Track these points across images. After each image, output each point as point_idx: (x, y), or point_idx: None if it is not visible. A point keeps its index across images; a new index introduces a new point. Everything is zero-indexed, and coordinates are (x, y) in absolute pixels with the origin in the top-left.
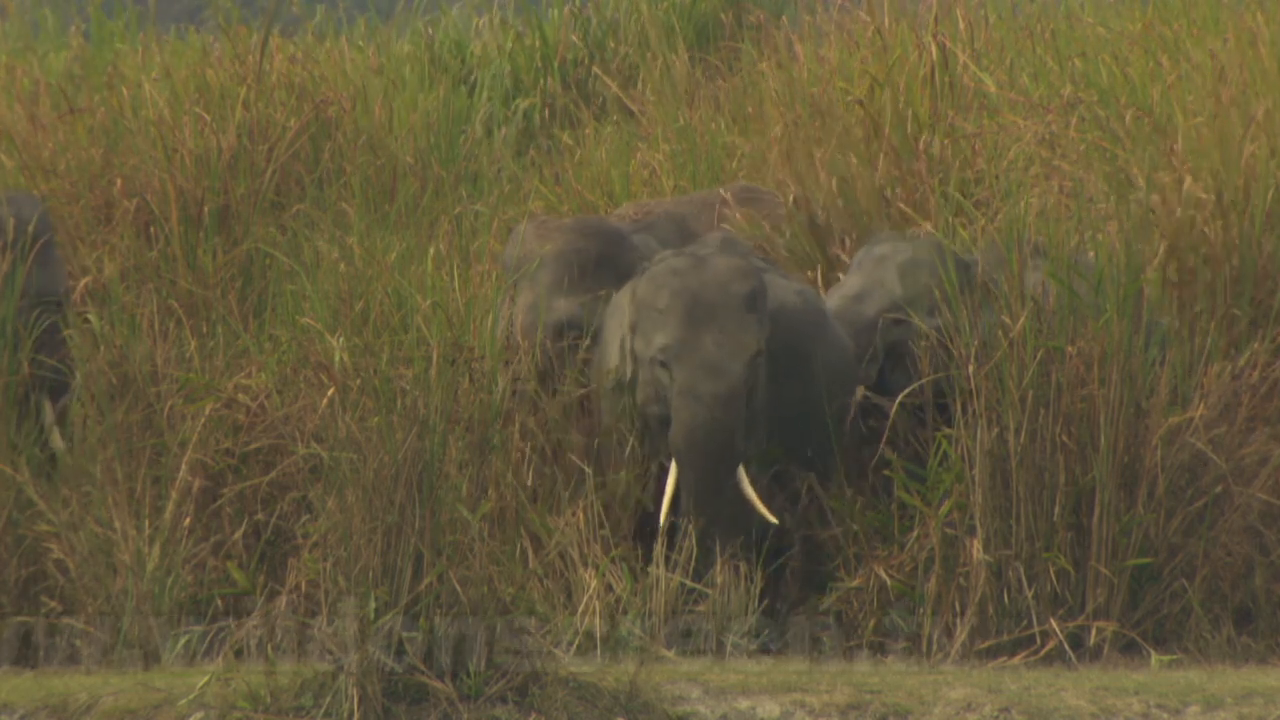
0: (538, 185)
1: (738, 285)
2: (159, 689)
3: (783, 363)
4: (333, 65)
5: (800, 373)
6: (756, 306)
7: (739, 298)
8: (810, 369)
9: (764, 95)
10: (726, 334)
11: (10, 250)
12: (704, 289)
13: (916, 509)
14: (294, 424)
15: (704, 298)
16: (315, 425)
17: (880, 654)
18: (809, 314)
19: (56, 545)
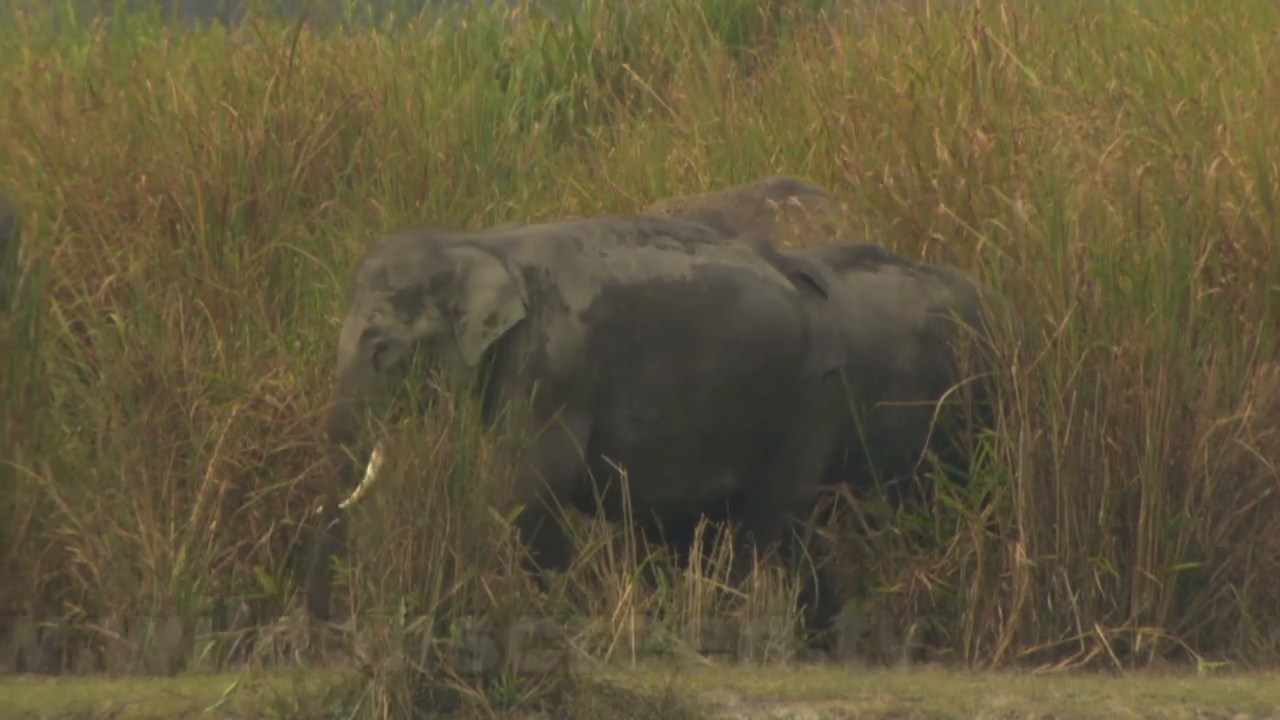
0: (571, 182)
1: (369, 263)
2: (185, 696)
3: (651, 337)
4: (363, 59)
5: (679, 345)
6: (385, 284)
7: (365, 275)
8: (697, 341)
9: (802, 90)
10: (351, 315)
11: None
12: (358, 269)
13: (958, 512)
14: (323, 426)
15: (353, 278)
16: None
17: (921, 660)
18: (703, 287)
19: (80, 549)
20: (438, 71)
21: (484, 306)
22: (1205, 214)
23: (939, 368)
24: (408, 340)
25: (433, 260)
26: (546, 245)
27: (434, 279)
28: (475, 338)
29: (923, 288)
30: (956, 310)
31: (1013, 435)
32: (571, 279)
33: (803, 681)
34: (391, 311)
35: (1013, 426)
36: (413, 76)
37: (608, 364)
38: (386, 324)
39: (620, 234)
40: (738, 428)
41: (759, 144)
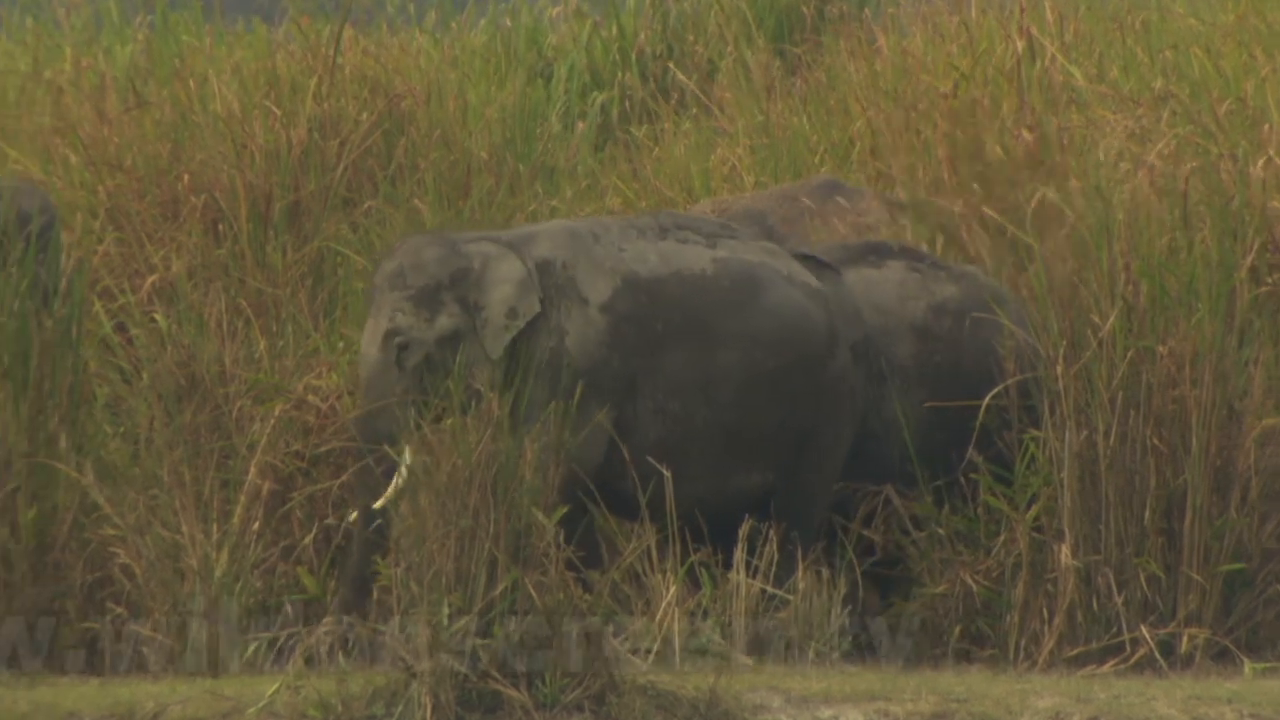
0: (615, 181)
1: (387, 265)
2: (227, 697)
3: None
4: (406, 58)
5: (699, 340)
6: (403, 283)
7: (382, 277)
8: (717, 336)
9: (846, 89)
10: (371, 317)
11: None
12: (376, 273)
13: (1003, 513)
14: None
15: (373, 282)
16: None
17: (966, 661)
18: (725, 281)
19: (123, 549)
20: (481, 70)
21: (503, 300)
22: (1252, 213)
23: (937, 364)
24: (430, 338)
25: (450, 257)
26: (562, 239)
27: (452, 275)
28: (497, 331)
29: (926, 284)
30: (962, 308)
31: (1058, 436)
32: (589, 272)
33: (847, 683)
34: (412, 310)
35: (1058, 427)
36: (456, 75)
37: (629, 356)
38: (407, 323)
39: (640, 229)
40: (764, 425)
41: (803, 143)
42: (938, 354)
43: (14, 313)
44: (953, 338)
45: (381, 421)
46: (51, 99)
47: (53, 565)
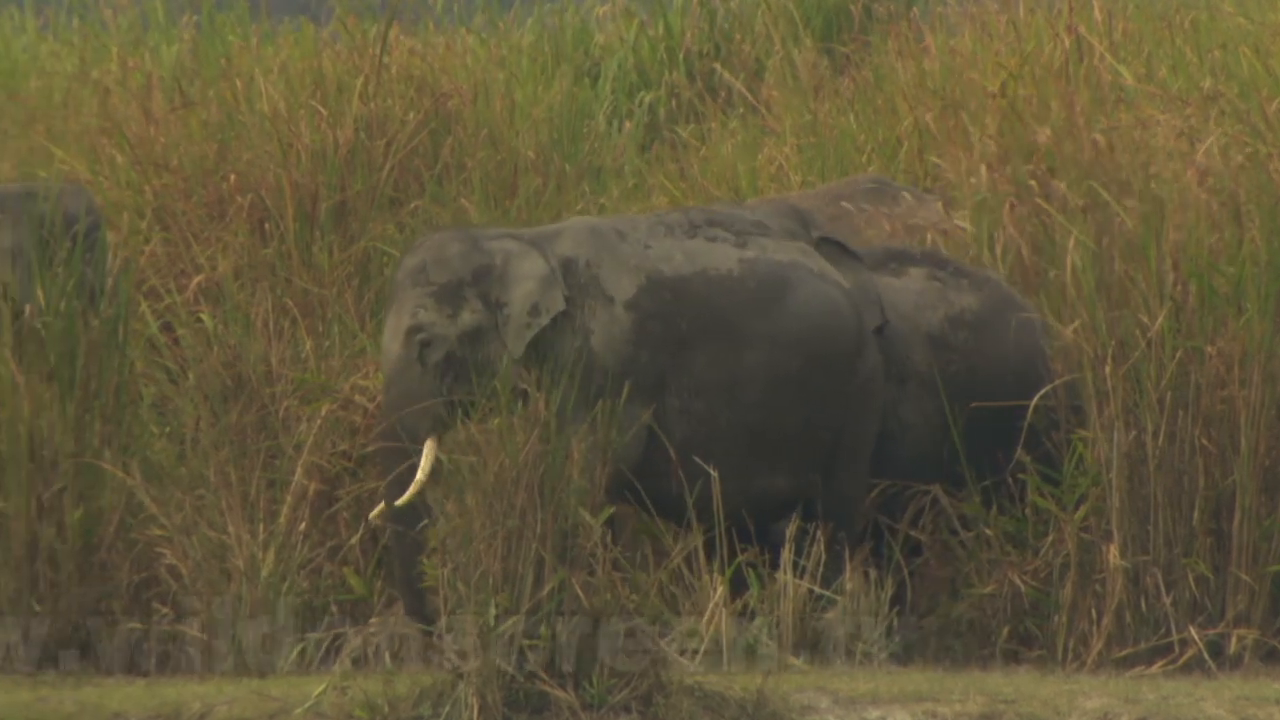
0: (662, 181)
1: (408, 261)
2: (274, 697)
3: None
4: (453, 57)
5: (729, 340)
6: (425, 279)
7: (404, 274)
8: (743, 336)
9: (894, 88)
10: (393, 313)
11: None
12: (397, 270)
13: (1051, 513)
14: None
15: (394, 279)
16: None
17: (1014, 662)
18: (751, 281)
19: (169, 550)
20: (528, 70)
21: (526, 297)
22: None
23: (953, 374)
24: (452, 334)
25: (472, 253)
26: (585, 237)
27: (474, 271)
28: (519, 329)
29: (944, 294)
30: (979, 318)
31: (1106, 436)
32: (614, 269)
33: (895, 683)
34: (434, 307)
35: (1106, 427)
36: (503, 75)
37: (656, 352)
38: (430, 319)
39: (669, 226)
40: (789, 426)
41: (851, 143)
42: (953, 364)
43: (60, 313)
44: (968, 348)
45: (407, 418)
46: (98, 99)
47: (99, 565)
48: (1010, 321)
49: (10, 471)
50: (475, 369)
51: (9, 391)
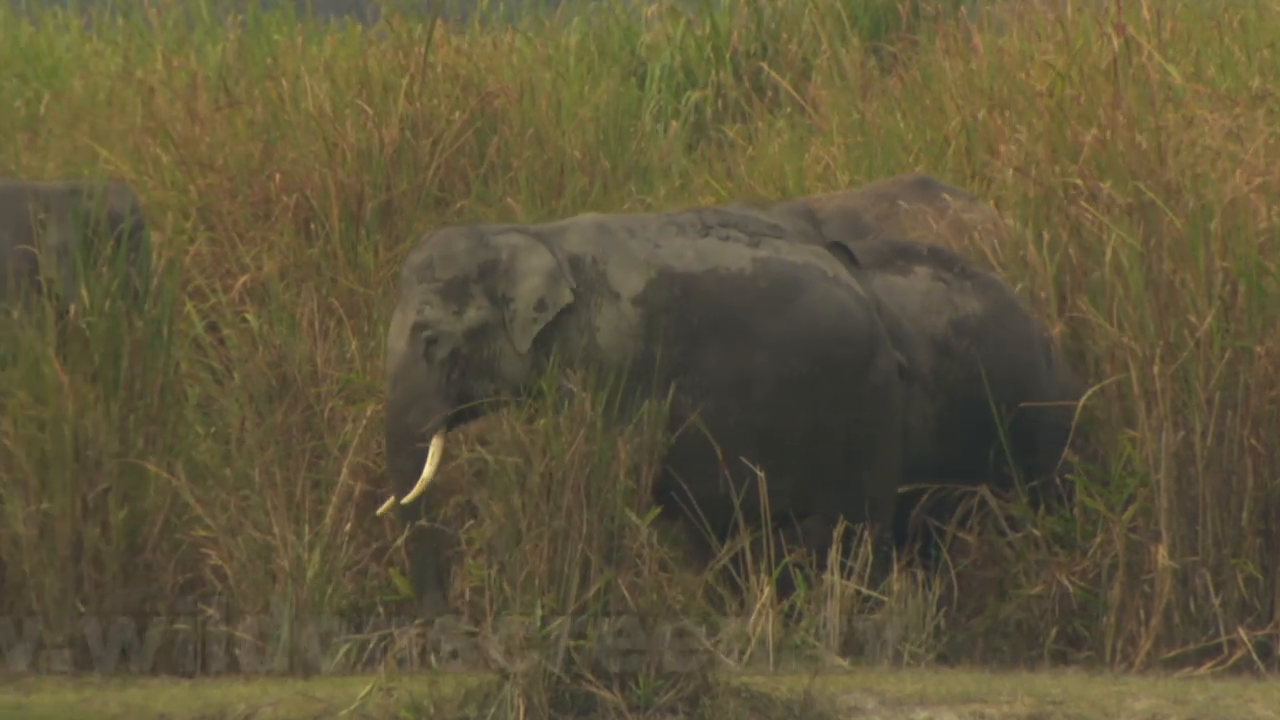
0: (709, 180)
1: (414, 257)
2: (319, 699)
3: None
4: (499, 56)
5: (735, 339)
6: (431, 275)
7: (410, 270)
8: (753, 336)
9: (941, 87)
10: (399, 311)
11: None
12: (404, 265)
13: (1099, 514)
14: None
15: (400, 274)
16: (480, 428)
17: (1062, 663)
18: (762, 281)
19: (214, 551)
20: (574, 69)
21: (532, 292)
22: None
23: (956, 380)
24: (458, 331)
25: (478, 249)
26: (591, 234)
27: (480, 267)
28: (525, 324)
29: (950, 297)
30: (984, 322)
31: (1155, 436)
32: (621, 265)
33: (942, 684)
34: (440, 303)
35: (1155, 427)
36: (549, 74)
37: (666, 347)
38: (435, 316)
39: (680, 225)
40: (797, 427)
41: (898, 142)
42: (954, 371)
43: (105, 313)
44: (971, 354)
45: (413, 415)
46: (143, 99)
47: (144, 566)
48: (1014, 329)
49: (55, 472)
50: (481, 366)
51: (53, 392)
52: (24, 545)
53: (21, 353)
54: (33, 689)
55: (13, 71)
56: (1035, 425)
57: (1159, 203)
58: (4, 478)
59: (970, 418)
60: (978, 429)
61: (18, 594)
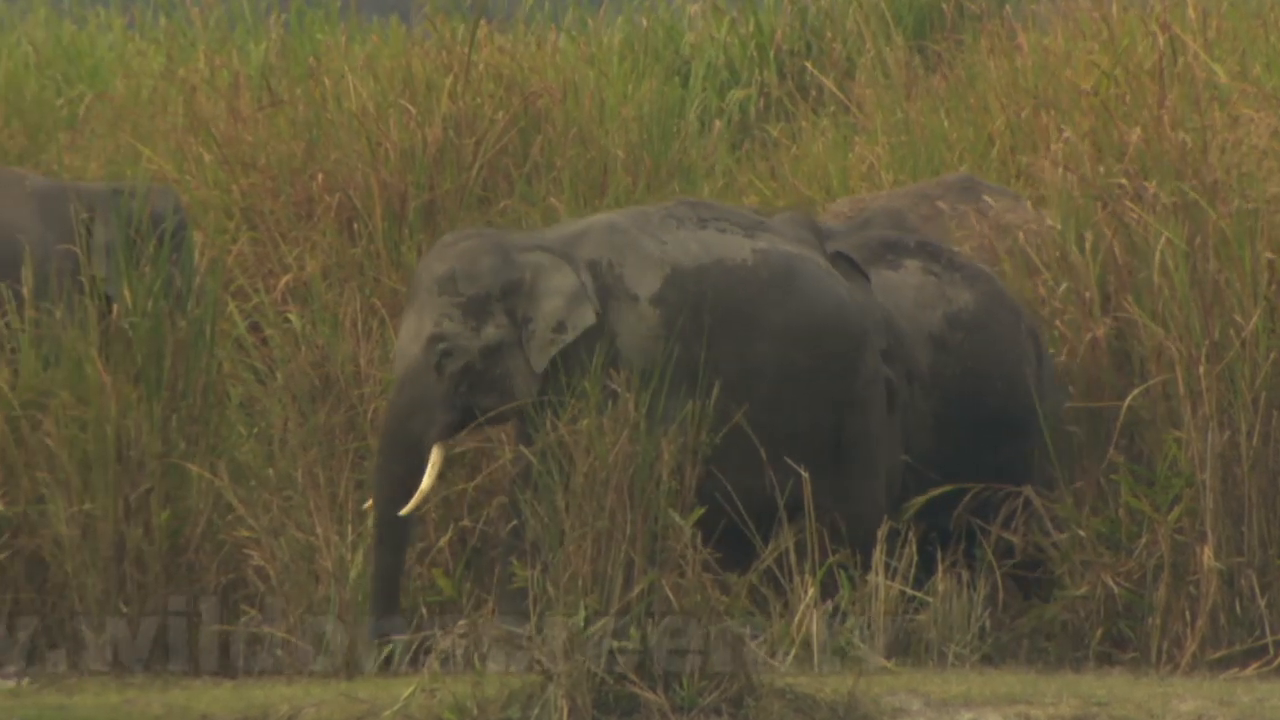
0: (753, 180)
1: (436, 266)
2: (362, 700)
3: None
4: (542, 55)
5: (739, 331)
6: (453, 289)
7: (431, 279)
8: (757, 328)
9: (986, 87)
10: (415, 316)
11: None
12: (421, 270)
13: (1145, 514)
14: (501, 427)
15: (416, 278)
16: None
17: (1107, 664)
18: (762, 272)
19: (257, 551)
20: (618, 68)
21: (552, 314)
22: None
23: (951, 374)
24: (474, 348)
25: (503, 267)
26: (606, 236)
27: (504, 287)
28: (543, 345)
29: (942, 291)
30: (976, 314)
31: (1200, 436)
32: (637, 266)
33: (987, 685)
34: (460, 318)
35: (1200, 428)
36: (593, 73)
37: (687, 343)
38: (454, 330)
39: (679, 219)
40: (795, 423)
41: (942, 141)
42: (952, 364)
43: (147, 313)
44: (965, 349)
45: (416, 422)
46: (185, 98)
47: (186, 567)
48: (1004, 320)
49: (97, 472)
50: (491, 382)
51: (96, 392)
52: (66, 546)
53: (64, 353)
54: (75, 690)
55: (55, 71)
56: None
57: (1200, 202)
58: (46, 478)
59: (968, 412)
60: (976, 423)
61: (60, 595)
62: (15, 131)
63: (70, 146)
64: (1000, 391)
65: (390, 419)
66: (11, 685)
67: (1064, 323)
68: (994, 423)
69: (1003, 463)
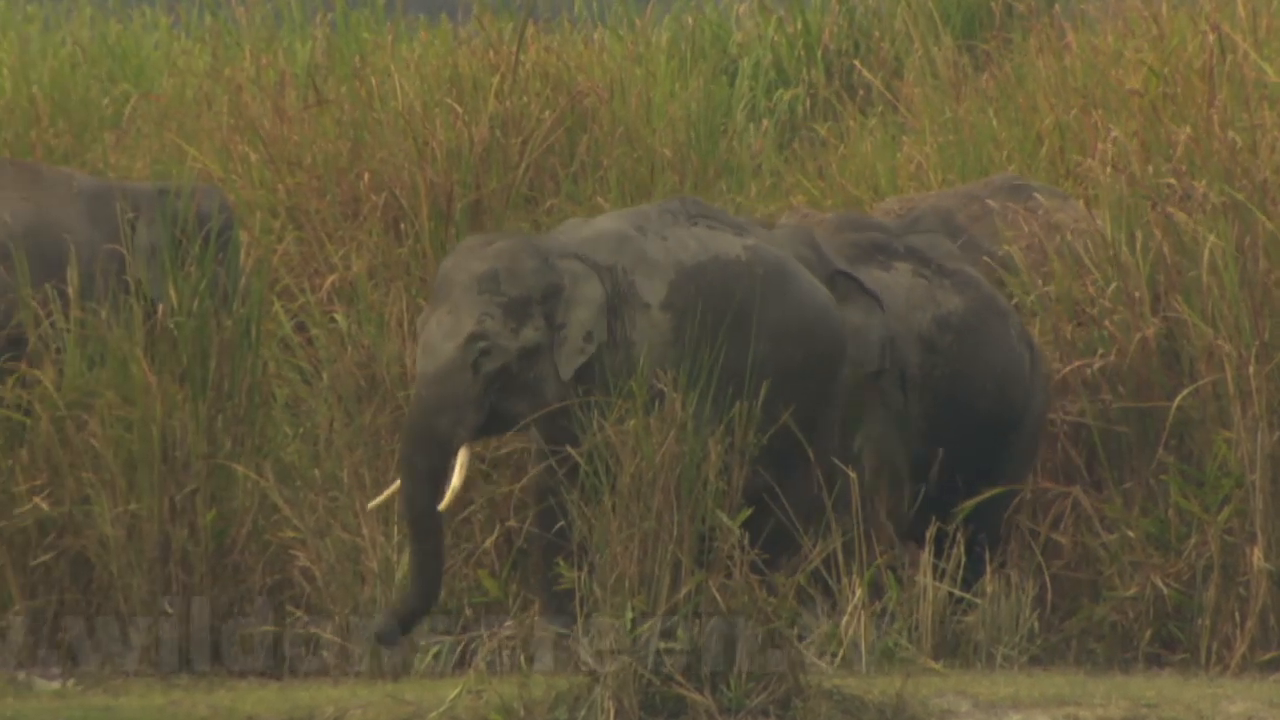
0: (800, 179)
1: (475, 265)
2: (408, 701)
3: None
4: (589, 54)
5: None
6: (495, 288)
7: (471, 276)
8: (749, 327)
9: (1034, 86)
10: (450, 314)
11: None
12: (453, 268)
13: (1194, 515)
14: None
15: (449, 277)
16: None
17: (1156, 666)
18: (759, 268)
19: (302, 552)
20: (665, 67)
21: (583, 323)
22: None
23: (940, 376)
24: (513, 348)
25: (544, 270)
26: (615, 242)
27: (545, 290)
28: (572, 353)
29: (932, 294)
30: (965, 318)
31: (1250, 437)
32: (646, 273)
33: (1036, 687)
34: (500, 318)
35: (1250, 428)
36: (640, 73)
37: (697, 346)
38: (495, 329)
39: (674, 214)
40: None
41: (990, 141)
42: (941, 365)
43: (193, 313)
44: (954, 350)
45: (444, 419)
46: (230, 97)
47: (232, 568)
48: (993, 324)
49: (143, 473)
50: (523, 386)
51: (141, 392)
52: (112, 546)
53: (110, 353)
54: (120, 691)
55: (100, 70)
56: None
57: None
58: (92, 479)
59: (957, 415)
60: (965, 425)
61: (105, 596)
62: (61, 131)
63: (116, 146)
64: (990, 395)
65: (416, 415)
66: (56, 686)
67: (1113, 323)
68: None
69: (992, 463)
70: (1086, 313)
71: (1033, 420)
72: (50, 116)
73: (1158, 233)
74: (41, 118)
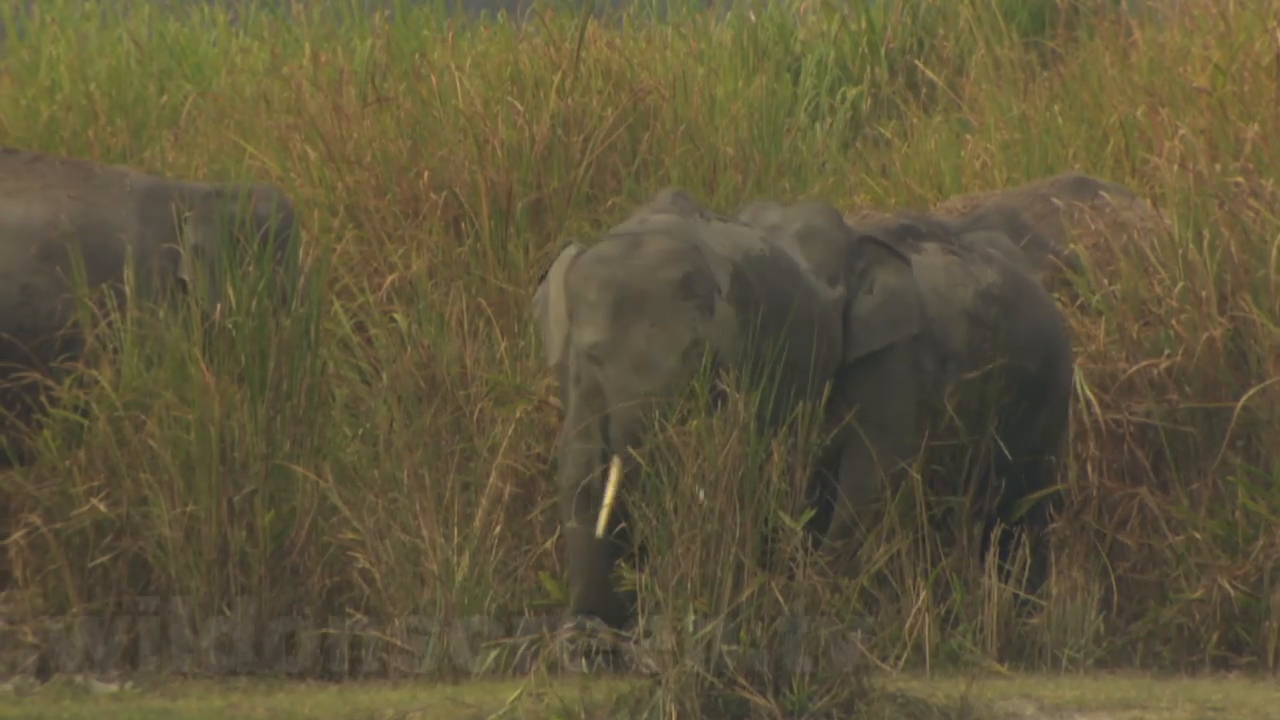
0: (864, 178)
1: (669, 271)
2: (468, 704)
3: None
4: (651, 52)
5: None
6: (694, 292)
7: (670, 284)
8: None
9: (1100, 83)
10: (658, 326)
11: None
12: (632, 277)
13: (1261, 516)
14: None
15: (633, 287)
16: None
17: (1223, 669)
18: (780, 262)
19: (362, 554)
20: (727, 65)
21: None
22: None
23: (983, 350)
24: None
25: (713, 267)
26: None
27: (719, 287)
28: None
29: (968, 269)
30: (1005, 290)
31: None
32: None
33: (1102, 690)
34: (704, 321)
35: None
36: (702, 70)
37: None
38: (706, 332)
39: (698, 210)
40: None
41: (1056, 139)
42: (986, 340)
43: (251, 313)
44: (1000, 322)
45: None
46: (289, 95)
47: (290, 569)
48: (1030, 291)
49: (201, 474)
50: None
51: (200, 393)
52: (170, 548)
53: (168, 353)
54: (178, 694)
55: (158, 68)
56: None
57: None
58: (150, 480)
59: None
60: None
61: (163, 597)
62: (119, 129)
63: (174, 144)
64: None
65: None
66: (114, 689)
67: (1180, 322)
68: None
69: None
70: (1153, 312)
71: (1067, 384)
72: (107, 114)
73: (1225, 231)
74: (99, 116)
